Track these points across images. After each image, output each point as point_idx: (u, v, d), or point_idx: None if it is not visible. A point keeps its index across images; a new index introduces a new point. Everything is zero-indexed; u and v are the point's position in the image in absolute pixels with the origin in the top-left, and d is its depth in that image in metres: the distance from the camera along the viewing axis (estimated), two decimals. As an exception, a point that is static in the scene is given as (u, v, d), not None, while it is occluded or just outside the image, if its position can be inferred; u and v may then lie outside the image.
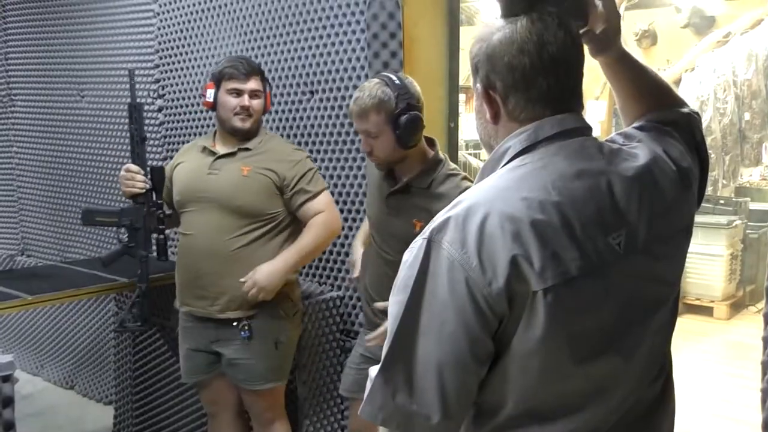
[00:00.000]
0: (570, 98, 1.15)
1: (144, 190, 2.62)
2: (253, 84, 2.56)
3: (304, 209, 2.58)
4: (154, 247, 2.70)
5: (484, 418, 1.10)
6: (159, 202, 2.66)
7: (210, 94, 2.58)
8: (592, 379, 1.07)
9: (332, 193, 2.94)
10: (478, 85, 1.16)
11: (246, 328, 2.55)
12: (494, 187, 1.08)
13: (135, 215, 2.65)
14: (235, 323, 2.55)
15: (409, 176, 2.25)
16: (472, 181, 2.19)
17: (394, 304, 1.08)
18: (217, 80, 2.57)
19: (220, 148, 2.62)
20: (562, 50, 1.11)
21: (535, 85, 1.11)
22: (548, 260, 1.00)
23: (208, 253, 2.55)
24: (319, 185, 2.61)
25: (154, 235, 2.69)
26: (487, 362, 1.05)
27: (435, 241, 1.05)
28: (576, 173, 1.08)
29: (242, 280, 2.50)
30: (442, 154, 2.29)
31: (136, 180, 2.61)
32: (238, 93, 2.54)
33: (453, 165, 2.29)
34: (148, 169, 2.65)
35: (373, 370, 1.09)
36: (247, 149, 2.58)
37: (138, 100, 2.71)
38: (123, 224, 2.66)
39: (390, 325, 1.08)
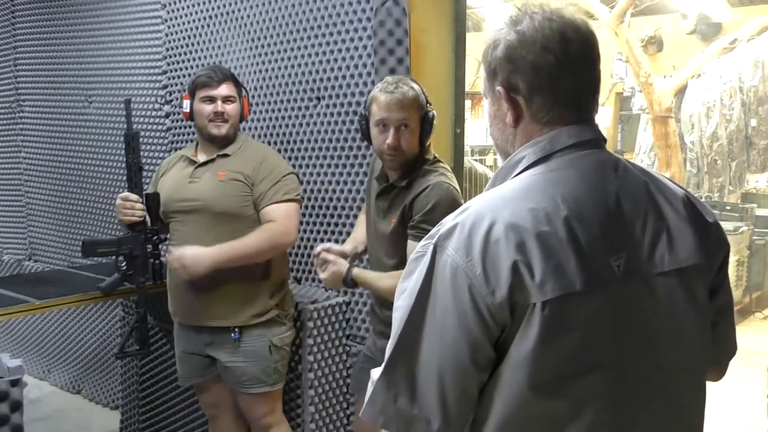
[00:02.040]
0: (590, 100, 1.13)
1: (142, 218, 2.63)
2: (225, 90, 2.59)
3: (261, 213, 2.58)
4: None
5: (475, 427, 1.08)
6: (155, 228, 2.68)
7: (186, 105, 2.63)
8: (573, 398, 1.03)
9: (338, 199, 2.96)
10: (499, 88, 1.12)
11: (237, 330, 2.58)
12: (503, 196, 1.08)
13: (134, 243, 2.66)
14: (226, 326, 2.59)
15: (395, 177, 2.26)
16: (451, 178, 2.21)
17: (399, 308, 1.07)
18: (192, 90, 2.61)
19: (201, 157, 2.65)
20: (584, 47, 1.10)
21: (561, 84, 1.09)
22: (550, 273, 1.00)
23: None
24: (281, 194, 2.58)
25: (150, 260, 2.70)
26: (488, 369, 1.04)
27: (441, 247, 1.04)
28: (587, 188, 1.07)
29: (171, 250, 2.51)
30: (434, 155, 2.27)
31: (136, 209, 2.61)
32: (211, 100, 2.57)
33: (442, 164, 2.26)
34: (144, 195, 2.67)
35: (375, 372, 1.09)
36: (225, 155, 2.61)
37: (134, 128, 2.72)
38: (122, 252, 2.67)
39: (394, 328, 1.07)
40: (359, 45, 2.81)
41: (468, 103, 7.31)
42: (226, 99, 2.60)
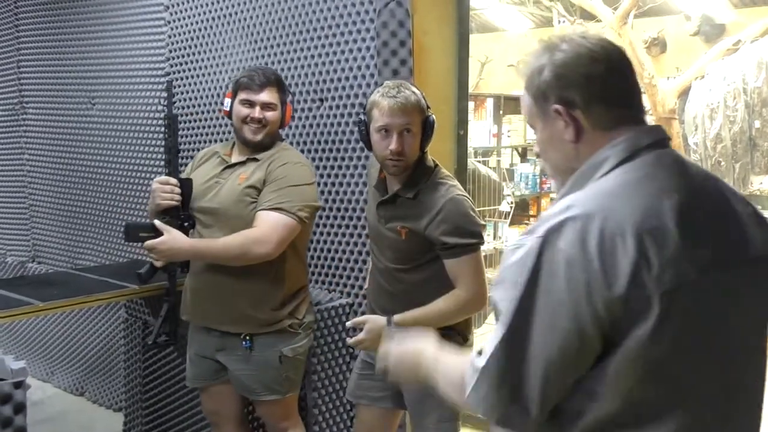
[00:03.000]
0: (640, 102, 1.23)
1: (179, 203, 2.55)
2: (266, 96, 2.50)
3: (255, 215, 2.46)
4: None
5: (571, 421, 1.12)
6: (187, 213, 2.59)
7: (227, 103, 2.56)
8: (684, 385, 1.10)
9: (341, 201, 2.96)
10: (557, 106, 1.19)
11: (248, 338, 2.52)
12: (605, 194, 1.12)
13: None
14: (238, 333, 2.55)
15: (397, 186, 2.23)
16: (458, 186, 2.21)
17: (503, 300, 1.11)
18: (234, 90, 2.55)
19: (234, 158, 2.59)
20: (621, 55, 1.21)
21: (613, 89, 1.19)
22: (665, 265, 1.05)
23: (208, 267, 2.53)
24: (275, 203, 2.43)
25: None
26: (589, 364, 1.09)
27: (550, 242, 1.08)
28: (677, 185, 1.13)
29: (149, 244, 2.43)
30: (432, 161, 2.26)
31: (175, 192, 2.52)
32: (251, 104, 2.50)
33: (445, 172, 2.25)
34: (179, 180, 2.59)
35: (479, 360, 1.12)
36: (255, 159, 2.54)
37: (173, 111, 2.66)
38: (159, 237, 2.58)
39: (501, 319, 1.11)
40: (362, 46, 2.80)
41: (471, 104, 7.31)
42: (266, 105, 2.51)
